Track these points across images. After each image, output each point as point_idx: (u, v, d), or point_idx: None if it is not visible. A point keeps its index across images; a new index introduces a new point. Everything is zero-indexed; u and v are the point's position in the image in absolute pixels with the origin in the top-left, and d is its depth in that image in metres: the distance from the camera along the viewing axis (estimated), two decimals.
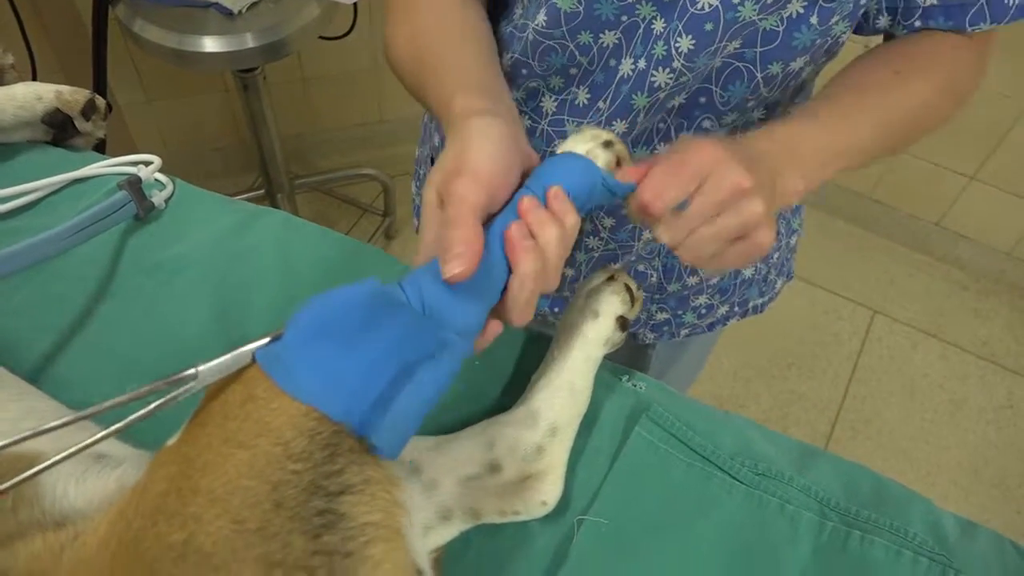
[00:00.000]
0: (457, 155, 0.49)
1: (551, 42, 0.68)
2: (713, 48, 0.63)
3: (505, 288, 0.48)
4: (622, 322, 0.59)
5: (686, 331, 0.96)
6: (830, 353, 2.20)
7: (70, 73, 1.77)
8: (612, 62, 0.68)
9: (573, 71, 0.70)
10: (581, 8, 0.65)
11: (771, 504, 0.57)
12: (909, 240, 2.46)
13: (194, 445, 0.39)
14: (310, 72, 2.23)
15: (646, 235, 0.80)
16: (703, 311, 0.93)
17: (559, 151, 0.54)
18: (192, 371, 0.41)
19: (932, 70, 0.66)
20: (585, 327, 0.59)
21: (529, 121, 0.76)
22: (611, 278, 0.61)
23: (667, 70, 0.66)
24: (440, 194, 0.49)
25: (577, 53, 0.68)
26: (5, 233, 0.69)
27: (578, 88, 0.72)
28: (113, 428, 0.40)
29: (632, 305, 0.61)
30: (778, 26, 0.62)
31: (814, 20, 0.62)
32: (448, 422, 0.59)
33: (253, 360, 0.42)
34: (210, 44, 1.49)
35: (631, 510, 0.57)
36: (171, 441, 0.43)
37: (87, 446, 0.39)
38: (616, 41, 0.67)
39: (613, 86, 0.69)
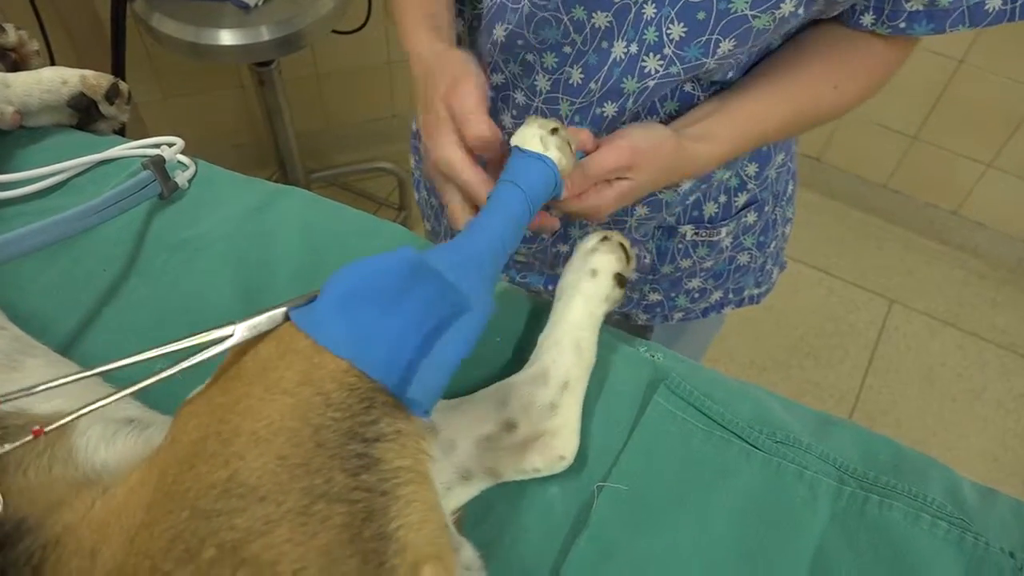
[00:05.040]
0: (448, 76, 0.64)
1: (545, 14, 0.68)
2: (704, 39, 0.64)
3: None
4: (619, 279, 0.62)
5: (679, 314, 0.97)
6: (847, 343, 2.19)
7: (88, 69, 1.80)
8: (604, 44, 0.69)
9: (567, 49, 0.70)
10: None
11: (789, 471, 0.58)
12: (926, 229, 2.45)
13: (229, 394, 0.41)
14: (324, 68, 2.25)
15: (639, 210, 0.81)
16: (696, 295, 0.94)
17: (513, 142, 0.60)
18: (230, 329, 0.43)
19: (862, 78, 0.73)
20: (584, 285, 0.61)
21: (524, 98, 0.76)
22: (605, 238, 0.64)
23: (657, 56, 0.66)
24: (448, 104, 0.62)
25: (571, 28, 0.69)
26: (32, 214, 0.71)
27: (572, 67, 0.72)
28: (149, 380, 0.42)
29: (627, 263, 0.63)
30: (770, 24, 0.63)
31: (800, 11, 0.63)
32: (461, 386, 0.60)
33: (286, 319, 0.44)
34: (226, 37, 1.51)
35: (650, 477, 0.57)
36: (193, 395, 0.44)
37: (124, 395, 0.42)
38: (608, 24, 0.67)
39: (606, 68, 0.69)
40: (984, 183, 2.28)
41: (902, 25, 0.66)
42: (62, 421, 0.40)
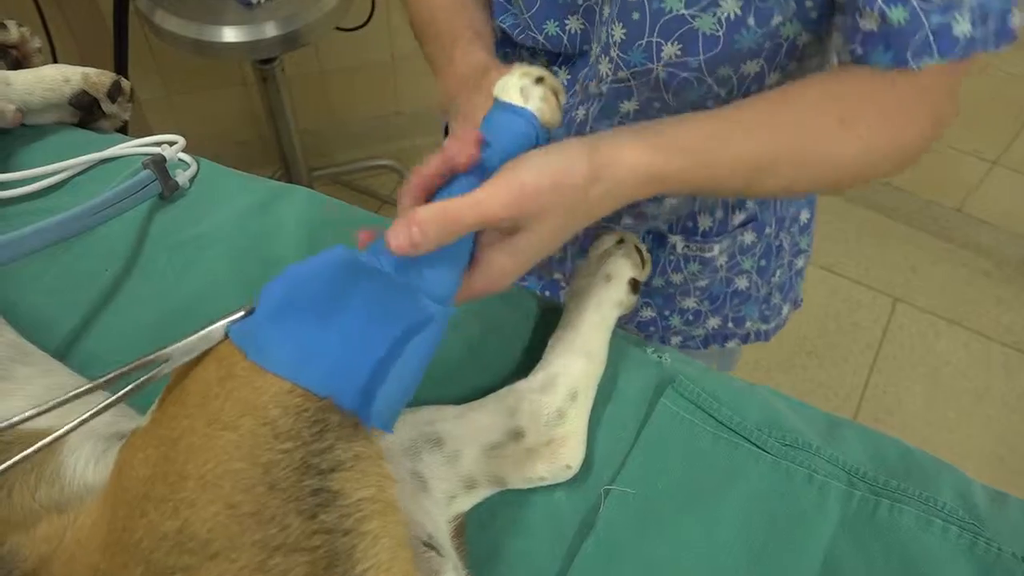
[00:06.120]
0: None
1: (527, 32, 0.68)
2: (645, 42, 0.61)
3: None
4: (633, 284, 0.60)
5: (676, 339, 0.93)
6: (851, 342, 2.18)
7: (91, 66, 1.79)
8: (585, 46, 0.68)
9: (557, 51, 0.70)
10: None
11: (798, 474, 0.57)
12: (930, 227, 2.44)
13: (174, 427, 0.38)
14: (327, 65, 2.24)
15: (625, 219, 0.79)
16: (691, 316, 0.90)
17: (494, 93, 0.54)
18: (164, 352, 0.41)
19: (877, 119, 0.56)
20: (598, 291, 0.60)
21: None
22: (620, 241, 0.61)
23: (607, 58, 0.65)
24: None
25: (548, 45, 0.68)
26: (34, 213, 0.70)
27: (560, 68, 0.71)
28: (80, 419, 0.40)
29: (643, 267, 0.61)
30: (717, 29, 0.58)
31: (752, 22, 0.58)
32: (466, 391, 0.59)
33: (225, 337, 0.41)
34: (229, 34, 1.50)
35: (657, 480, 0.57)
36: (142, 423, 0.42)
37: (49, 442, 0.39)
38: (582, 27, 0.66)
39: (586, 69, 0.68)
40: (989, 180, 2.26)
41: (859, 50, 0.55)
42: (4, 465, 0.38)
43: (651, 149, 0.50)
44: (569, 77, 0.71)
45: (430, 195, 0.49)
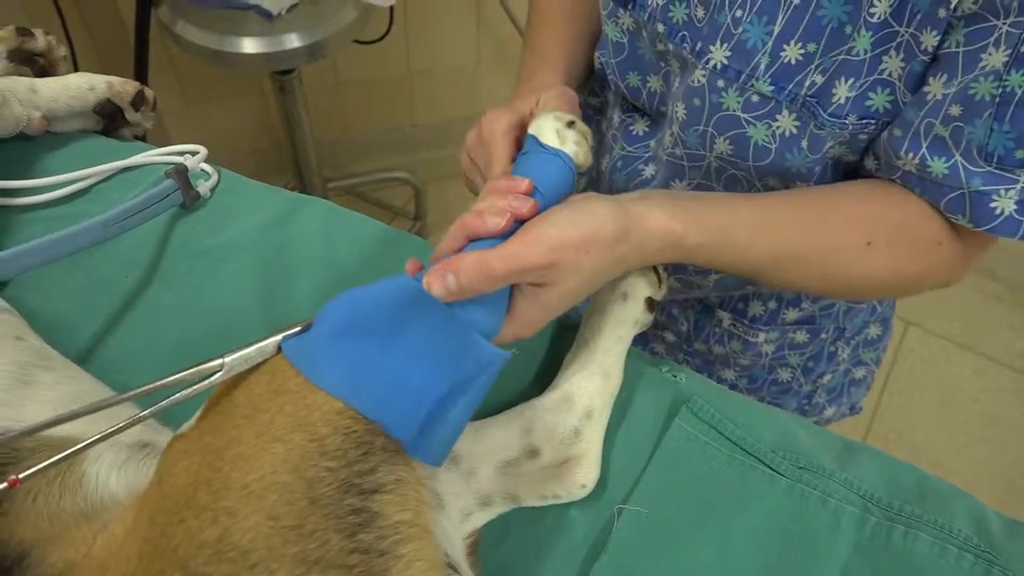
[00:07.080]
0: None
1: (610, 75, 0.69)
2: (701, 129, 0.62)
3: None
4: (650, 303, 0.60)
5: None
6: None
7: (112, 75, 1.81)
8: (663, 108, 0.68)
9: (637, 102, 0.71)
10: (626, 42, 0.66)
11: (812, 498, 0.57)
12: None
13: (220, 436, 0.39)
14: (344, 76, 2.25)
15: (671, 281, 0.78)
16: (726, 387, 0.87)
17: (529, 131, 0.56)
18: (219, 362, 0.41)
19: (906, 249, 0.57)
20: (615, 309, 0.60)
21: (606, 124, 0.77)
22: None
23: (669, 132, 0.66)
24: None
25: (628, 95, 0.69)
26: (57, 219, 0.71)
27: (641, 118, 0.72)
28: (132, 419, 0.40)
29: (660, 286, 0.61)
30: (769, 143, 0.59)
31: (805, 145, 0.58)
32: (482, 408, 0.59)
33: (279, 352, 0.42)
34: (249, 45, 1.51)
35: (671, 500, 0.56)
36: (184, 429, 0.42)
37: (93, 442, 0.39)
38: (661, 88, 0.67)
39: (661, 131, 0.69)
40: None
41: (898, 182, 0.57)
42: (35, 469, 0.38)
43: (674, 220, 0.53)
44: (647, 130, 0.72)
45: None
